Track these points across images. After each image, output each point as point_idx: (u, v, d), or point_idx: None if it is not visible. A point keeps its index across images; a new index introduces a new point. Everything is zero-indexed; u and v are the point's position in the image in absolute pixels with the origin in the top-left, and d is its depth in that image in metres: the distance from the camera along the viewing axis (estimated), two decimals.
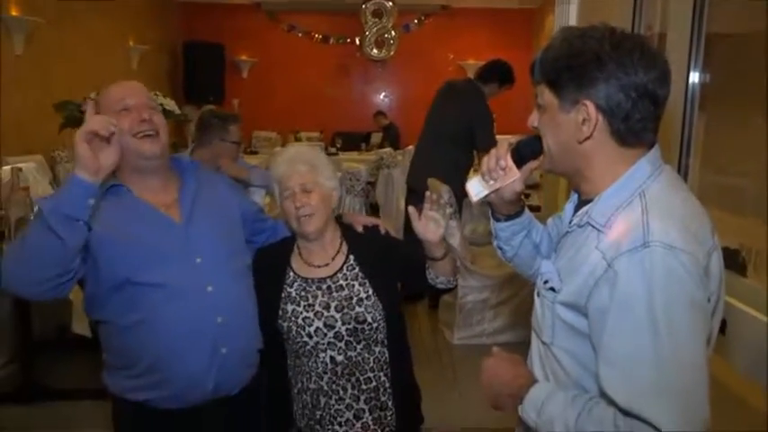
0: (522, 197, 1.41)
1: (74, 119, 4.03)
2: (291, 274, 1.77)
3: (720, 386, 1.65)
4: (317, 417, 1.74)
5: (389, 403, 1.75)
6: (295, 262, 1.79)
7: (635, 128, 1.10)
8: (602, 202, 1.13)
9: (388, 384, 1.74)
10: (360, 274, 1.75)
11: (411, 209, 1.60)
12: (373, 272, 1.75)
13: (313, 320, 1.70)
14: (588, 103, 1.10)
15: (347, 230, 1.83)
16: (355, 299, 1.71)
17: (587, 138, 1.12)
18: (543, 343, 1.22)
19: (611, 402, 1.04)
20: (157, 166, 1.69)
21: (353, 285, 1.73)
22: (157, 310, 1.58)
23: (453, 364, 3.85)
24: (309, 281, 1.75)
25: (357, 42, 9.16)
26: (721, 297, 1.14)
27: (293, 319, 1.72)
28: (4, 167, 3.67)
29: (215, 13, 8.93)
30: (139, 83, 1.74)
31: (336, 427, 1.73)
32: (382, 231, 1.85)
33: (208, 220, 1.70)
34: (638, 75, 1.08)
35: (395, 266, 1.78)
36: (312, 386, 1.73)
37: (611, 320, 1.03)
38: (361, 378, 1.72)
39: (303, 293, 1.74)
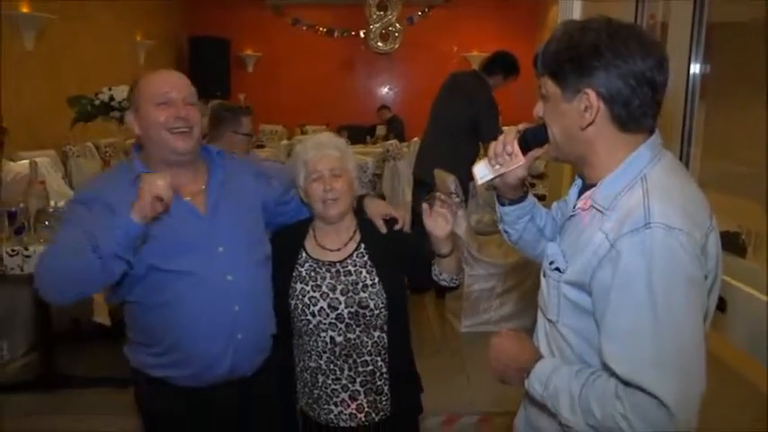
0: (527, 184, 1.47)
1: (86, 113, 4.11)
2: (304, 254, 1.83)
3: (721, 362, 1.71)
4: (315, 395, 1.81)
5: (385, 388, 1.80)
6: (309, 244, 1.85)
7: (635, 114, 1.15)
8: (605, 186, 1.18)
9: (384, 369, 1.80)
10: (368, 262, 1.80)
11: (424, 205, 1.64)
12: (381, 261, 1.80)
13: (318, 300, 1.76)
14: (589, 91, 1.15)
15: (362, 219, 1.88)
16: (361, 284, 1.77)
17: (590, 124, 1.17)
18: (549, 321, 1.28)
19: (613, 374, 1.10)
20: (187, 160, 1.74)
21: (361, 272, 1.79)
22: (181, 295, 1.65)
23: (461, 352, 3.91)
24: (320, 263, 1.81)
25: (362, 35, 9.18)
26: (718, 276, 1.19)
27: (300, 297, 1.78)
28: (21, 162, 3.75)
29: (220, 7, 8.99)
30: (182, 75, 1.77)
31: (332, 407, 1.80)
32: (399, 226, 1.86)
33: (231, 211, 1.75)
34: (635, 62, 1.13)
35: (402, 258, 1.83)
36: (312, 365, 1.80)
37: (614, 297, 1.09)
38: (359, 360, 1.78)
39: (313, 274, 1.80)
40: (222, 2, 9.05)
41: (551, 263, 1.25)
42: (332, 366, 1.78)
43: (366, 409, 1.80)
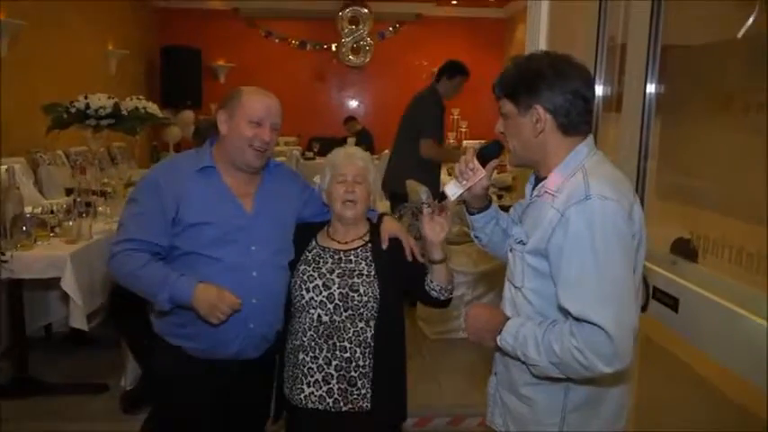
0: (494, 195, 1.68)
1: (61, 121, 4.12)
2: (314, 242, 2.03)
3: (675, 358, 1.85)
4: (294, 375, 1.94)
5: (359, 382, 1.90)
6: (320, 235, 2.05)
7: (574, 121, 1.49)
8: (554, 176, 1.50)
9: (362, 363, 1.90)
10: (369, 258, 1.96)
11: (426, 210, 1.81)
12: (382, 262, 1.96)
13: (315, 278, 1.93)
14: (538, 106, 1.48)
15: (375, 229, 2.04)
16: (357, 272, 1.93)
17: (541, 132, 1.49)
18: (515, 287, 1.57)
19: (567, 313, 1.39)
20: (251, 171, 1.98)
21: (361, 263, 1.95)
22: (209, 278, 1.85)
23: (432, 357, 4.03)
24: (326, 249, 2.00)
25: (333, 49, 9.31)
26: (644, 238, 1.50)
27: (301, 275, 1.95)
28: None
29: (193, 18, 9.00)
30: (278, 101, 2.00)
31: (304, 387, 1.91)
32: (407, 253, 2.00)
33: (271, 217, 1.98)
34: (571, 82, 1.47)
35: (402, 267, 1.97)
36: (297, 342, 1.94)
37: (566, 253, 1.39)
38: (338, 344, 1.89)
39: (317, 258, 1.98)
40: (194, 12, 9.07)
41: (516, 240, 1.56)
42: (313, 344, 1.91)
43: (336, 396, 1.89)
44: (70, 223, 3.21)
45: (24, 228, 3.03)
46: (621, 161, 2.08)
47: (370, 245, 1.99)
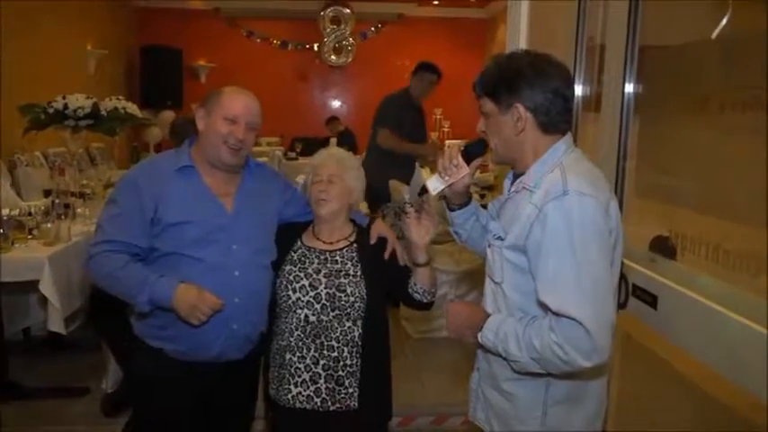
0: (476, 194, 1.69)
1: (38, 122, 4.06)
2: (299, 242, 2.04)
3: (655, 356, 1.87)
4: (280, 375, 1.94)
5: (346, 381, 1.91)
6: (305, 235, 2.06)
7: (554, 120, 1.50)
8: (532, 171, 1.51)
9: (349, 362, 1.91)
10: (355, 257, 1.98)
11: (412, 212, 1.82)
12: (367, 261, 1.97)
13: (301, 279, 1.94)
14: (518, 105, 1.49)
15: (360, 229, 2.06)
16: (343, 272, 1.94)
17: (521, 130, 1.51)
18: (495, 283, 1.58)
19: (546, 308, 1.41)
20: (228, 169, 1.97)
21: (347, 263, 1.96)
22: (190, 278, 1.84)
23: (415, 356, 4.04)
24: (311, 249, 2.01)
25: (315, 49, 9.28)
26: (620, 234, 1.52)
27: (287, 276, 1.96)
28: None
29: (173, 18, 8.92)
30: (257, 102, 2.00)
31: (291, 387, 1.92)
32: (387, 252, 2.02)
33: (252, 217, 1.98)
34: (551, 81, 1.48)
35: (386, 268, 1.99)
36: (283, 343, 1.94)
37: (544, 248, 1.40)
38: (326, 344, 1.90)
39: (302, 258, 1.99)
40: (175, 12, 8.99)
41: (494, 235, 1.57)
42: (300, 344, 1.91)
43: (323, 395, 1.90)
44: (48, 225, 3.18)
45: (1, 230, 2.99)
46: (601, 160, 2.10)
47: (355, 245, 2.00)
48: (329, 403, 1.91)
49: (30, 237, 3.20)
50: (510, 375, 1.54)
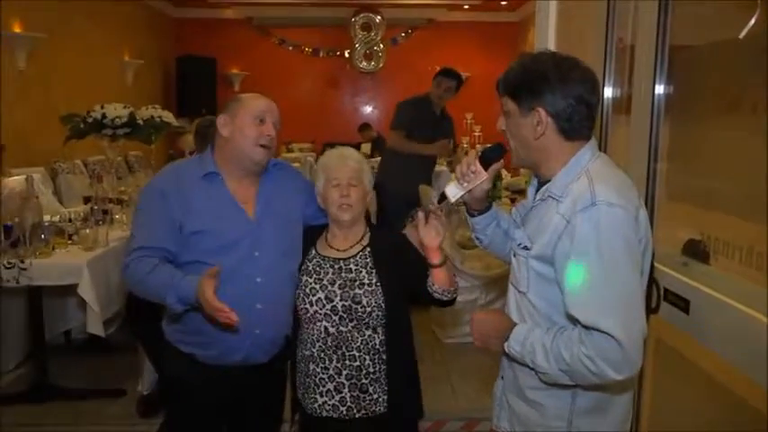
0: (507, 199, 1.67)
1: (78, 131, 4.19)
2: (313, 251, 2.01)
3: (687, 360, 1.84)
4: (306, 384, 1.95)
5: (370, 388, 1.90)
6: (320, 243, 2.02)
7: (576, 126, 1.46)
8: (558, 180, 1.48)
9: (372, 369, 1.90)
10: (369, 264, 1.94)
11: (420, 215, 1.79)
12: (383, 266, 1.94)
13: (317, 291, 1.91)
14: (540, 109, 1.45)
15: (373, 229, 2.04)
16: (358, 282, 1.91)
17: (541, 135, 1.46)
18: (520, 292, 1.55)
19: (576, 321, 1.38)
20: (257, 170, 1.98)
21: (361, 271, 1.93)
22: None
23: (445, 361, 4.03)
24: (325, 258, 1.97)
25: (346, 55, 9.35)
26: (649, 241, 1.49)
27: (303, 287, 1.94)
28: (14, 177, 3.81)
29: (207, 28, 9.10)
30: (275, 104, 2.02)
31: (317, 396, 1.92)
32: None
33: (274, 221, 1.97)
34: (575, 87, 1.44)
35: (404, 267, 1.94)
36: (306, 353, 1.94)
37: (573, 260, 1.37)
38: (347, 354, 1.90)
39: (317, 268, 1.96)
40: (209, 22, 9.17)
41: (520, 244, 1.54)
42: (322, 355, 1.91)
43: (348, 404, 1.90)
44: (87, 231, 3.26)
45: (42, 236, 3.09)
46: (632, 163, 2.07)
47: (368, 249, 1.97)
48: (354, 411, 1.91)
49: (69, 242, 3.30)
50: (536, 384, 1.51)
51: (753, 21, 1.53)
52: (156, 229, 1.88)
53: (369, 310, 1.89)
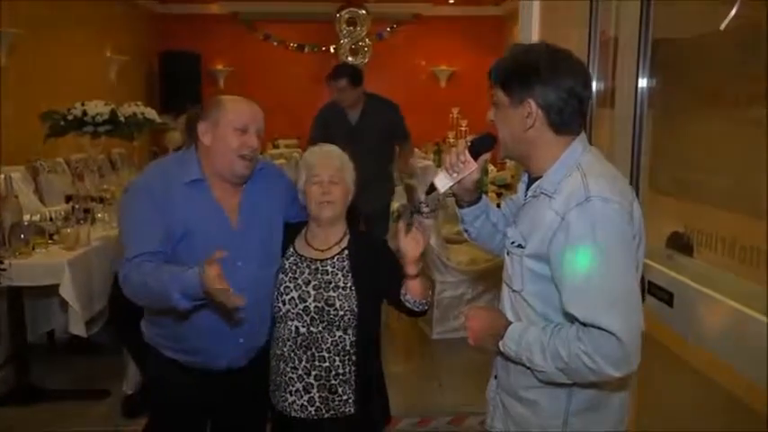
0: (493, 193, 1.65)
1: (58, 128, 4.13)
2: (291, 249, 1.99)
3: (670, 352, 1.84)
4: (277, 382, 1.94)
5: (340, 389, 1.89)
6: (298, 242, 2.00)
7: (566, 120, 1.43)
8: (549, 175, 1.45)
9: (341, 371, 1.89)
10: (346, 267, 1.91)
11: (400, 224, 1.79)
12: (360, 269, 1.91)
13: (291, 290, 1.91)
14: (530, 101, 1.42)
15: (353, 230, 2.02)
16: (333, 284, 1.89)
17: (530, 127, 1.44)
18: (514, 291, 1.51)
19: (573, 318, 1.35)
20: (240, 181, 1.92)
21: (337, 274, 1.91)
22: None
23: (432, 357, 4.03)
24: (303, 258, 1.95)
25: (332, 50, 9.30)
26: (643, 236, 1.47)
27: (278, 286, 1.93)
28: None
29: (191, 23, 9.00)
30: (259, 108, 1.93)
31: (287, 395, 1.91)
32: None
33: (258, 230, 1.94)
34: (566, 80, 1.41)
35: (381, 272, 1.92)
36: (278, 352, 1.94)
37: (568, 257, 1.34)
38: (317, 354, 1.88)
39: (294, 267, 1.95)
40: (193, 17, 9.08)
41: (513, 243, 1.50)
42: (292, 355, 1.90)
43: (317, 404, 1.89)
44: (68, 230, 3.22)
45: (22, 236, 3.04)
46: (616, 157, 2.07)
47: (347, 252, 1.94)
48: (323, 411, 1.89)
49: (50, 242, 3.25)
50: (531, 383, 1.48)
51: (733, 12, 1.53)
52: (148, 233, 1.80)
53: (341, 313, 1.87)
